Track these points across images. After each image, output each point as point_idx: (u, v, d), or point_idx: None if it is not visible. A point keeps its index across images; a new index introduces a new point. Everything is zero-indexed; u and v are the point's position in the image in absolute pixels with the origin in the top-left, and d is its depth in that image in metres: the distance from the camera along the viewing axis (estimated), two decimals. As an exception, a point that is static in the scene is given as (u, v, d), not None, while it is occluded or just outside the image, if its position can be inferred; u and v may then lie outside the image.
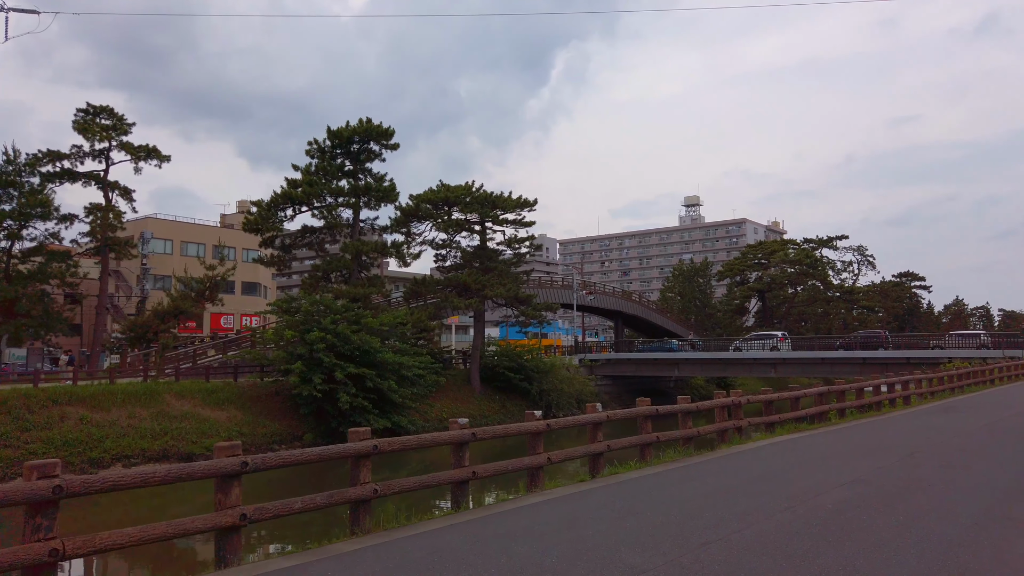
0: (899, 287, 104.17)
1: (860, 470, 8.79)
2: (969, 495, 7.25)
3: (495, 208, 45.36)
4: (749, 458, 10.00)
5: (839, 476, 8.38)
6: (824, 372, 45.13)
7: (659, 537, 5.59)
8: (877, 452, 10.41)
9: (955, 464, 9.30)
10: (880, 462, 9.41)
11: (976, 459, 9.73)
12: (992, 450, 10.55)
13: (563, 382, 47.81)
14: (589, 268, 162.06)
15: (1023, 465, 9.17)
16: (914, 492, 7.42)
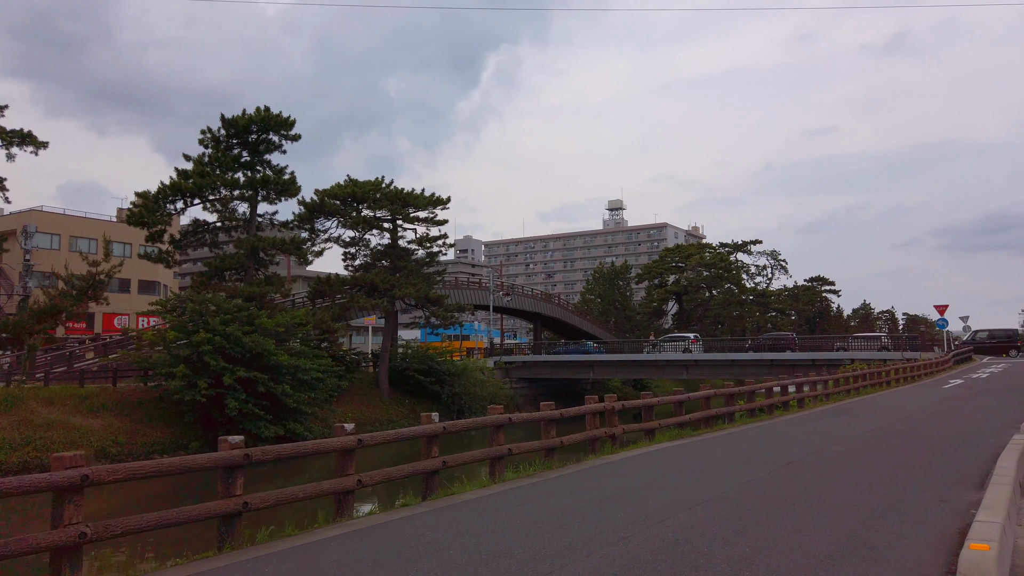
0: (810, 291, 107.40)
1: (726, 485, 7.87)
2: (835, 515, 6.37)
3: (406, 205, 43.88)
4: (611, 472, 9.00)
5: (700, 493, 7.43)
6: (735, 374, 45.41)
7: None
8: (753, 462, 9.58)
9: (831, 475, 8.52)
10: (751, 474, 8.54)
11: (854, 469, 8.99)
12: (872, 458, 9.87)
13: (476, 385, 46.65)
14: (514, 270, 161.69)
15: (901, 476, 8.45)
16: (776, 513, 6.49)
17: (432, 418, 8.58)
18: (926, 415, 15.84)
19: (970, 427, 13.47)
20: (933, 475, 8.51)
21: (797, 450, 10.66)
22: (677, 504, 6.89)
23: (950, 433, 12.57)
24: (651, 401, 12.10)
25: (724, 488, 7.69)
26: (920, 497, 7.23)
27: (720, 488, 7.70)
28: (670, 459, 9.97)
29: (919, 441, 11.52)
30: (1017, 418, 14.39)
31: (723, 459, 9.89)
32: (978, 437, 12.03)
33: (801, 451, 10.56)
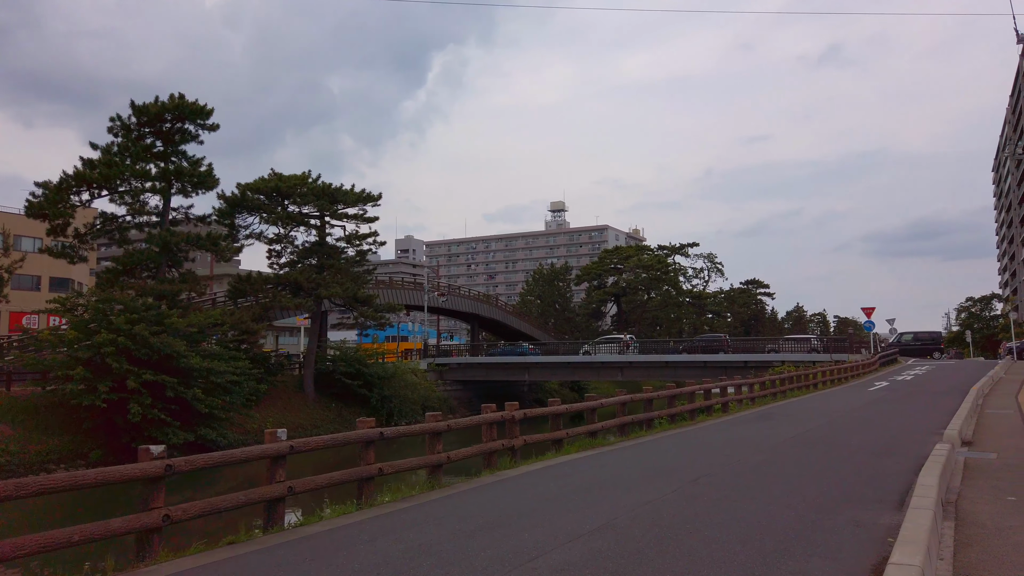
0: (745, 294, 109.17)
1: (620, 508, 6.91)
2: (736, 549, 5.44)
3: (335, 202, 42.27)
4: (498, 492, 7.96)
5: (587, 520, 6.43)
6: (669, 375, 45.17)
7: None
8: (660, 477, 8.67)
9: (741, 493, 7.65)
10: (653, 494, 7.61)
11: (767, 485, 8.16)
12: (788, 471, 9.08)
13: (407, 388, 45.27)
14: (456, 271, 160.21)
15: (815, 493, 7.63)
16: (667, 547, 5.53)
17: (369, 423, 8.01)
18: (849, 420, 15.32)
19: (892, 433, 12.93)
20: (850, 491, 7.72)
21: (710, 462, 9.82)
22: (557, 535, 5.87)
23: (872, 440, 11.96)
24: (557, 409, 11.11)
25: (617, 513, 6.72)
26: (833, 521, 6.39)
27: (613, 513, 6.72)
28: (570, 475, 8.98)
29: (839, 450, 10.84)
30: (939, 423, 13.94)
31: (627, 474, 8.95)
32: (900, 445, 11.44)
33: (714, 463, 9.72)
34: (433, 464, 8.35)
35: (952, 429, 11.15)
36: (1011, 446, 11.12)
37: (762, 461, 9.82)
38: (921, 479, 7.02)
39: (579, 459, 10.31)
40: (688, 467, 9.36)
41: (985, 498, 7.39)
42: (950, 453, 9.15)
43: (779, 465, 9.49)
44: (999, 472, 8.96)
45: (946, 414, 15.24)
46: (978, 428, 13.55)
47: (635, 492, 7.73)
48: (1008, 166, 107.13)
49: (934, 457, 8.43)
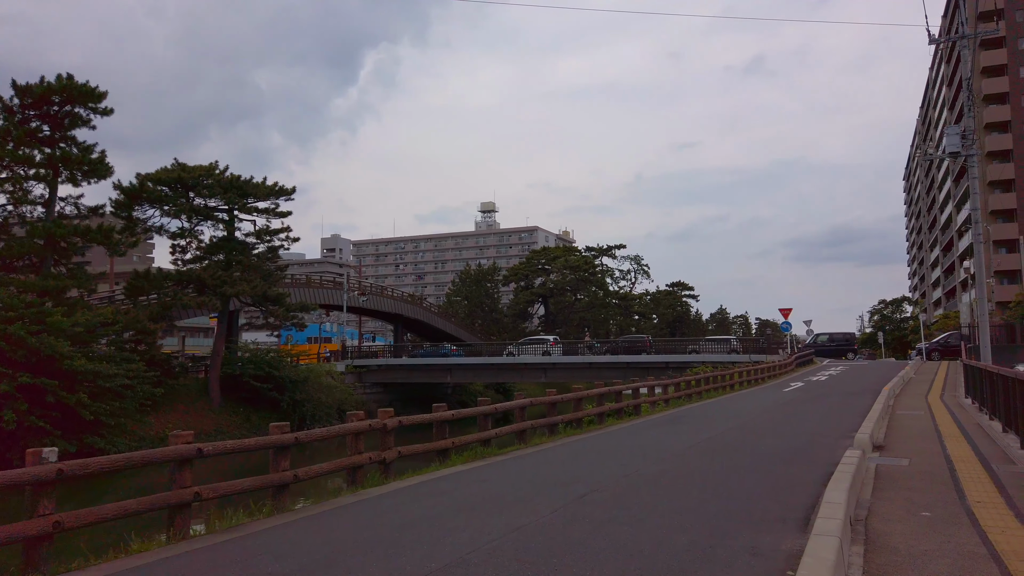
0: (671, 295, 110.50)
1: (484, 537, 5.79)
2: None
3: (245, 195, 40.00)
4: (345, 519, 6.73)
5: (436, 557, 5.28)
6: (591, 376, 44.71)
7: None
8: (544, 493, 7.61)
9: (632, 511, 6.66)
10: (529, 516, 6.53)
11: (663, 500, 7.20)
12: (689, 483, 8.16)
13: (321, 391, 43.34)
14: (384, 270, 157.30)
15: (714, 511, 6.70)
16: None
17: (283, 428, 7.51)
18: (761, 423, 14.70)
19: (804, 437, 12.28)
20: (752, 508, 6.82)
21: (607, 473, 8.83)
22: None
23: (782, 445, 11.25)
24: (442, 415, 9.91)
25: (477, 544, 5.60)
26: (729, 549, 5.43)
27: (472, 544, 5.60)
28: (445, 492, 7.82)
29: (747, 457, 10.04)
30: (852, 425, 13.41)
31: (510, 490, 7.86)
32: (810, 450, 10.74)
33: (611, 474, 8.73)
34: (275, 484, 7.06)
35: (863, 433, 10.51)
36: (923, 450, 10.55)
37: (664, 471, 8.89)
38: (828, 494, 6.16)
39: (463, 472, 9.16)
40: (580, 480, 8.34)
41: (898, 514, 6.59)
42: (861, 460, 8.42)
43: (681, 476, 8.57)
44: (912, 480, 8.26)
45: (858, 415, 14.79)
46: (890, 430, 13.07)
47: (510, 514, 6.63)
48: (918, 174, 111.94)
49: (843, 467, 7.64)
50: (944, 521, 6.29)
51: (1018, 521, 6.23)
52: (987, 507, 6.77)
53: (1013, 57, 66.49)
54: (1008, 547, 5.44)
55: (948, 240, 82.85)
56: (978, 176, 22.42)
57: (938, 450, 10.55)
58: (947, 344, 44.01)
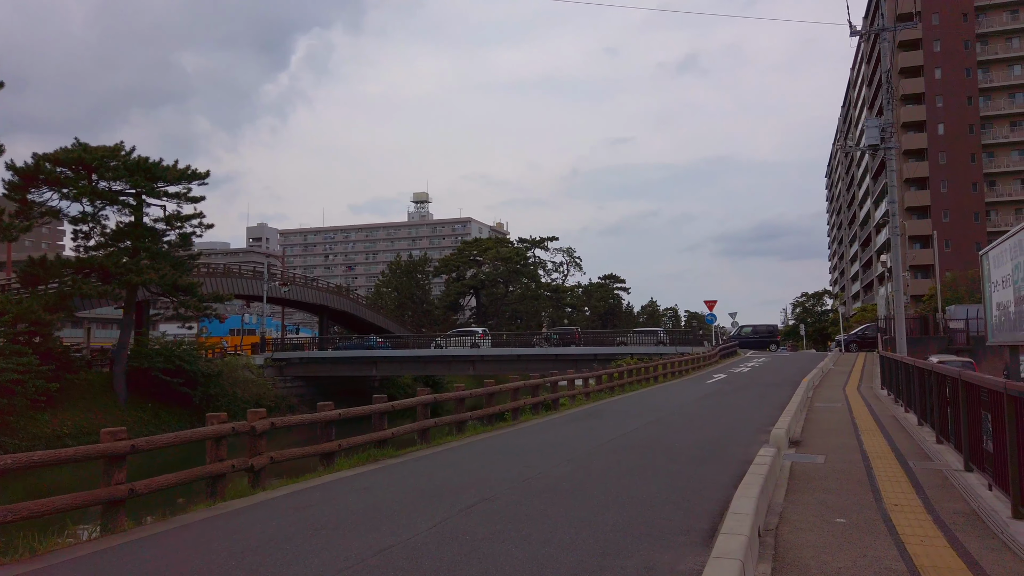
0: (603, 288, 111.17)
1: (341, 561, 4.90)
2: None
3: (154, 179, 37.70)
4: (188, 540, 5.70)
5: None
6: (521, 368, 44.17)
7: None
8: (428, 504, 6.74)
9: (520, 525, 5.86)
10: (402, 533, 5.66)
11: (559, 509, 6.43)
12: (591, 488, 7.43)
13: (237, 386, 41.47)
14: (313, 261, 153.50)
15: (612, 521, 5.97)
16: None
17: (116, 434, 6.21)
18: (679, 417, 14.20)
19: (720, 432, 11.78)
20: (655, 517, 6.11)
21: (505, 476, 8.02)
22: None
23: (697, 442, 10.68)
24: (327, 415, 8.89)
25: (327, 572, 4.69)
26: (620, 568, 4.68)
27: (322, 572, 4.69)
28: (317, 504, 6.85)
29: (659, 455, 9.40)
30: (769, 418, 13.02)
31: (392, 500, 6.94)
32: (726, 447, 10.19)
33: (509, 478, 7.92)
34: (104, 500, 5.96)
35: (779, 429, 10.01)
36: (840, 445, 10.13)
37: (567, 474, 8.13)
38: (735, 503, 5.48)
39: (347, 479, 8.20)
40: (474, 485, 7.49)
41: (811, 521, 5.98)
42: (775, 459, 7.85)
43: (584, 480, 7.82)
44: (827, 480, 7.73)
45: (777, 408, 14.46)
46: (808, 424, 12.72)
47: (380, 531, 5.73)
48: (839, 172, 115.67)
49: (755, 468, 7.02)
50: (860, 529, 5.70)
51: (937, 528, 5.69)
52: (905, 511, 6.23)
53: (929, 58, 68.93)
54: (928, 561, 4.86)
55: (867, 236, 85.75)
56: (896, 169, 22.60)
57: (855, 445, 10.16)
58: (864, 336, 45.18)
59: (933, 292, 55.06)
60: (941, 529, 5.65)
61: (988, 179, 69.22)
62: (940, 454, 9.31)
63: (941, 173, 68.70)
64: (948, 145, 68.53)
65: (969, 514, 6.14)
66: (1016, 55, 69.97)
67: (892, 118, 21.62)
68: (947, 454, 9.21)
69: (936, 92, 69.00)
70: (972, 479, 7.62)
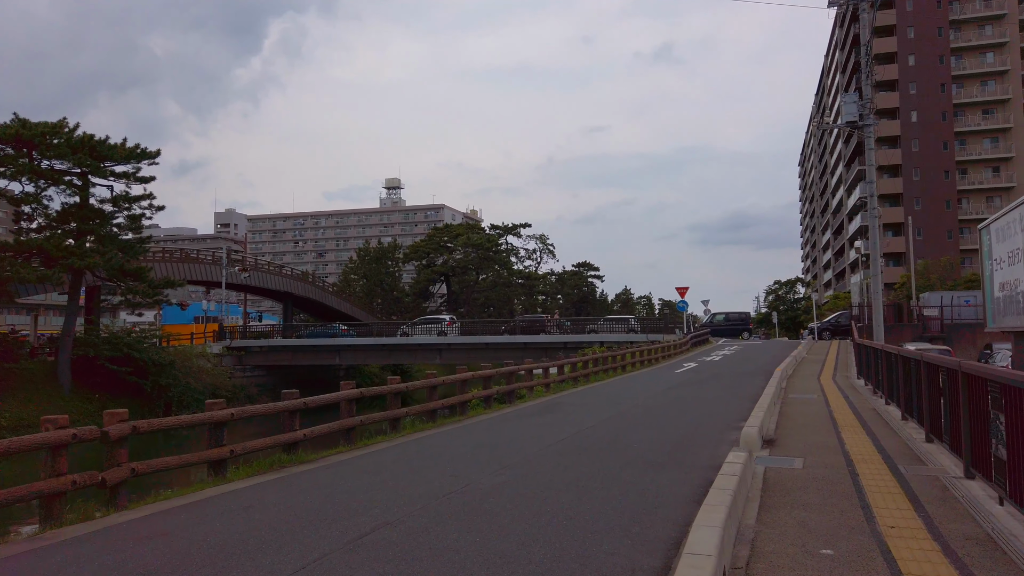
0: (577, 276, 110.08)
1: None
2: None
3: (101, 158, 35.73)
4: None
5: None
6: (489, 357, 42.83)
7: None
8: (314, 530, 5.39)
9: (419, 561, 4.55)
10: (295, 559, 4.34)
11: (472, 539, 5.13)
12: (526, 501, 6.15)
13: (191, 375, 39.71)
14: (282, 247, 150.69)
15: (537, 554, 4.69)
16: None
17: None
18: (643, 411, 12.98)
19: (687, 429, 10.58)
20: (595, 550, 4.83)
21: (423, 490, 6.66)
22: None
23: (659, 441, 9.45)
24: (218, 415, 7.45)
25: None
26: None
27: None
28: (157, 536, 5.45)
29: (613, 459, 8.14)
30: (740, 412, 11.87)
31: (262, 529, 5.56)
32: (691, 447, 8.97)
33: (427, 492, 6.58)
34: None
35: (751, 426, 8.81)
36: (819, 445, 8.95)
37: (498, 486, 6.81)
38: (695, 535, 4.21)
39: (233, 493, 6.81)
40: (381, 504, 6.14)
41: (790, 553, 4.74)
42: (746, 465, 6.62)
43: (517, 494, 6.51)
44: (806, 492, 6.51)
45: (749, 400, 13.33)
46: (782, 419, 11.56)
47: (267, 556, 4.39)
48: (812, 160, 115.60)
49: (722, 480, 5.77)
50: (853, 566, 4.47)
51: (949, 563, 4.48)
52: (905, 537, 5.02)
53: (903, 44, 68.47)
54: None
55: (839, 224, 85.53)
56: (873, 148, 21.59)
57: (835, 445, 8.99)
58: (838, 324, 44.55)
59: (904, 280, 54.70)
60: (955, 565, 4.43)
61: (960, 167, 69.10)
62: (932, 456, 8.17)
63: (913, 161, 68.41)
64: (921, 133, 68.24)
65: (984, 540, 4.95)
66: (988, 42, 69.77)
67: (871, 92, 20.61)
68: (940, 456, 8.07)
69: (910, 79, 68.58)
70: (976, 489, 6.45)
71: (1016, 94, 69.02)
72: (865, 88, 20.75)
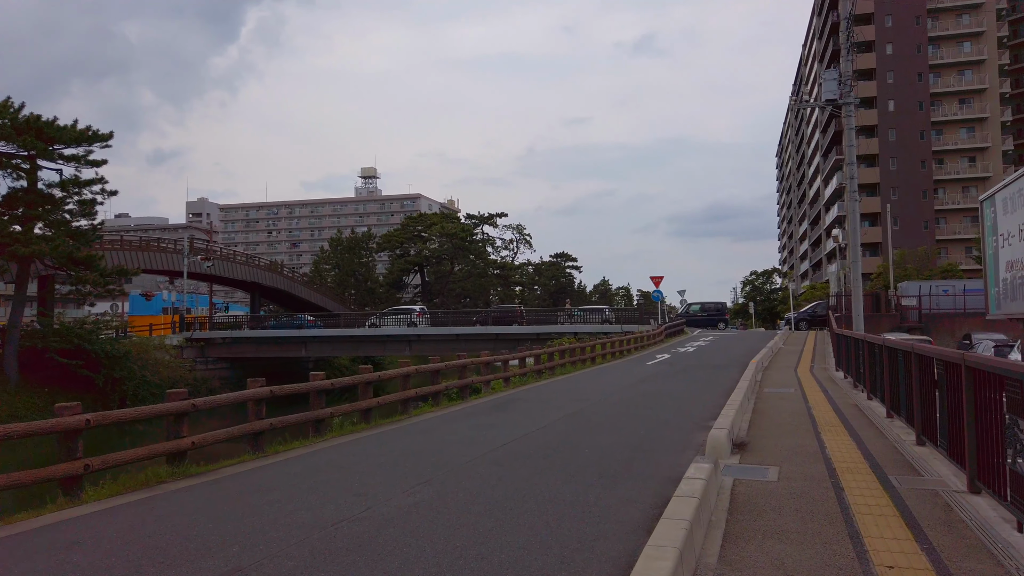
0: (555, 266, 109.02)
1: None
2: None
3: (49, 140, 33.92)
4: None
5: None
6: (460, 348, 41.61)
7: None
8: (198, 558, 4.16)
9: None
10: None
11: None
12: (431, 537, 4.93)
13: (146, 368, 38.08)
14: (256, 237, 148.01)
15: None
16: None
17: None
18: (605, 408, 11.83)
19: (649, 430, 9.43)
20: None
21: (304, 520, 5.41)
22: None
23: (617, 445, 8.29)
24: (71, 421, 6.15)
25: None
26: None
27: None
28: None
29: (559, 469, 6.95)
30: (711, 409, 10.77)
31: (123, 559, 4.34)
32: (651, 453, 7.82)
33: (307, 523, 5.31)
34: None
35: (720, 428, 7.67)
36: (796, 450, 7.83)
37: (407, 509, 5.56)
38: None
39: (71, 522, 5.54)
40: (244, 540, 4.87)
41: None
42: (709, 481, 5.47)
43: (428, 520, 5.28)
44: (783, 514, 5.35)
45: (721, 395, 12.24)
46: (756, 417, 10.47)
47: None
48: (789, 151, 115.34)
49: (678, 504, 4.61)
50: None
51: (972, 627, 3.33)
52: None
53: (880, 33, 67.89)
54: None
55: (816, 214, 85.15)
56: (853, 127, 20.58)
57: (815, 449, 7.88)
58: (815, 314, 43.84)
59: (881, 270, 54.19)
60: (981, 632, 3.29)
61: (936, 157, 68.77)
62: (926, 462, 7.07)
63: (890, 150, 67.97)
64: (898, 122, 67.77)
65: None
66: (966, 31, 69.41)
67: (852, 67, 19.59)
68: (935, 462, 6.98)
69: (887, 68, 68.04)
70: (985, 508, 5.35)
71: (993, 83, 68.78)
72: (845, 64, 19.73)
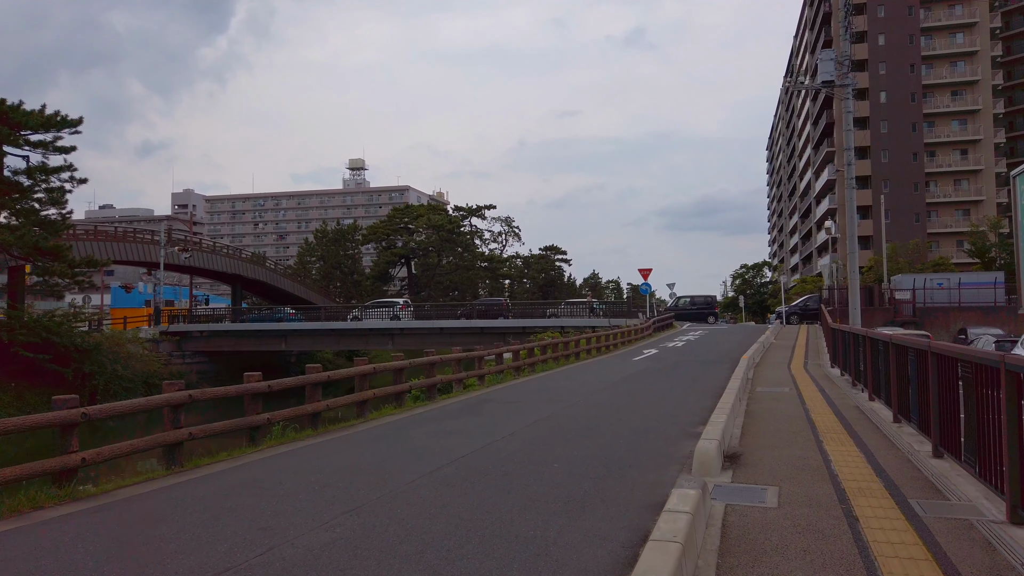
0: (544, 259, 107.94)
1: None
2: None
3: (15, 125, 32.64)
4: None
5: None
6: (444, 342, 40.57)
7: None
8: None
9: None
10: None
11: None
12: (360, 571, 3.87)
13: (120, 362, 36.83)
14: (242, 229, 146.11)
15: None
16: None
17: None
18: (582, 411, 10.78)
19: (629, 439, 8.39)
20: None
21: (222, 551, 4.38)
22: None
23: (589, 457, 7.24)
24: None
25: None
26: None
27: None
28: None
29: (518, 490, 5.89)
30: (700, 412, 9.76)
31: None
32: (628, 470, 6.76)
33: (222, 558, 4.29)
34: None
35: (709, 439, 6.63)
36: (797, 465, 6.80)
37: (317, 549, 4.47)
38: None
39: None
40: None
41: None
42: (696, 513, 4.42)
43: (336, 568, 4.22)
44: (787, 556, 4.31)
45: (711, 396, 11.24)
46: (749, 420, 9.45)
47: None
48: (780, 144, 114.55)
49: (653, 553, 3.56)
50: None
51: None
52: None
53: (873, 23, 67.00)
54: None
55: (807, 207, 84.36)
56: (851, 111, 19.57)
57: (819, 463, 6.85)
58: (806, 308, 42.98)
59: (873, 263, 53.43)
60: None
61: (928, 149, 68.05)
62: (949, 479, 6.06)
63: (882, 142, 67.18)
64: (890, 114, 66.95)
65: None
66: (959, 22, 68.64)
67: (850, 49, 18.58)
68: (960, 480, 5.97)
69: (879, 59, 67.17)
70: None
71: (985, 75, 68.07)
72: (843, 44, 18.71)
